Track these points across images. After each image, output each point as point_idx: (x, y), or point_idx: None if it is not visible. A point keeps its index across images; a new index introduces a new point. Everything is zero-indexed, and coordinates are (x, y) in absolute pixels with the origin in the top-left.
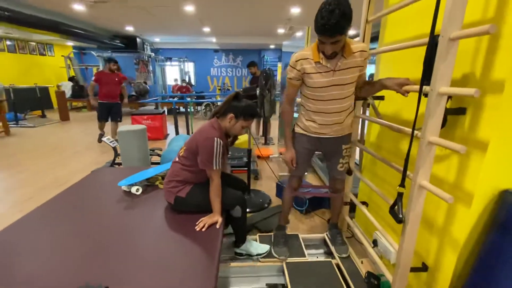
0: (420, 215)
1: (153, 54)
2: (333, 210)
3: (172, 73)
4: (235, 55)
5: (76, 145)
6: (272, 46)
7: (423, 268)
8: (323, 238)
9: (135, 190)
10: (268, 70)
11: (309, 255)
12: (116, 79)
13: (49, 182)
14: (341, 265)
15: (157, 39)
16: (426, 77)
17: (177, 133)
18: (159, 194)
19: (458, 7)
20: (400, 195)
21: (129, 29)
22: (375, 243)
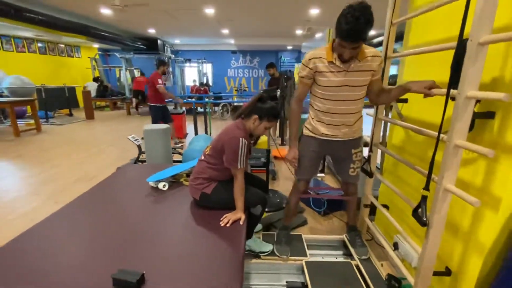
0: (445, 219)
1: (173, 56)
2: (349, 212)
3: (191, 74)
4: (252, 56)
5: (101, 143)
6: (290, 47)
7: (447, 272)
8: (342, 240)
9: (162, 186)
10: (289, 73)
11: (327, 256)
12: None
13: (80, 176)
14: (361, 267)
15: (177, 41)
16: (454, 81)
17: (196, 133)
18: (184, 190)
19: (488, 12)
20: (424, 198)
21: (151, 32)
22: (396, 246)
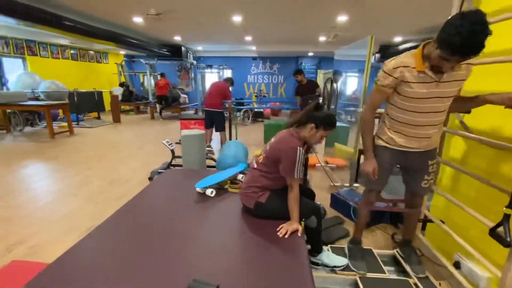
0: None
1: (195, 62)
2: (408, 227)
3: (212, 80)
4: (272, 63)
5: (130, 146)
6: (311, 54)
7: None
8: (392, 255)
9: (210, 193)
10: (332, 79)
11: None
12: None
13: (114, 178)
14: (420, 286)
15: (200, 48)
16: None
17: (230, 138)
18: (230, 197)
19: None
20: (507, 217)
21: (177, 39)
22: (458, 265)
